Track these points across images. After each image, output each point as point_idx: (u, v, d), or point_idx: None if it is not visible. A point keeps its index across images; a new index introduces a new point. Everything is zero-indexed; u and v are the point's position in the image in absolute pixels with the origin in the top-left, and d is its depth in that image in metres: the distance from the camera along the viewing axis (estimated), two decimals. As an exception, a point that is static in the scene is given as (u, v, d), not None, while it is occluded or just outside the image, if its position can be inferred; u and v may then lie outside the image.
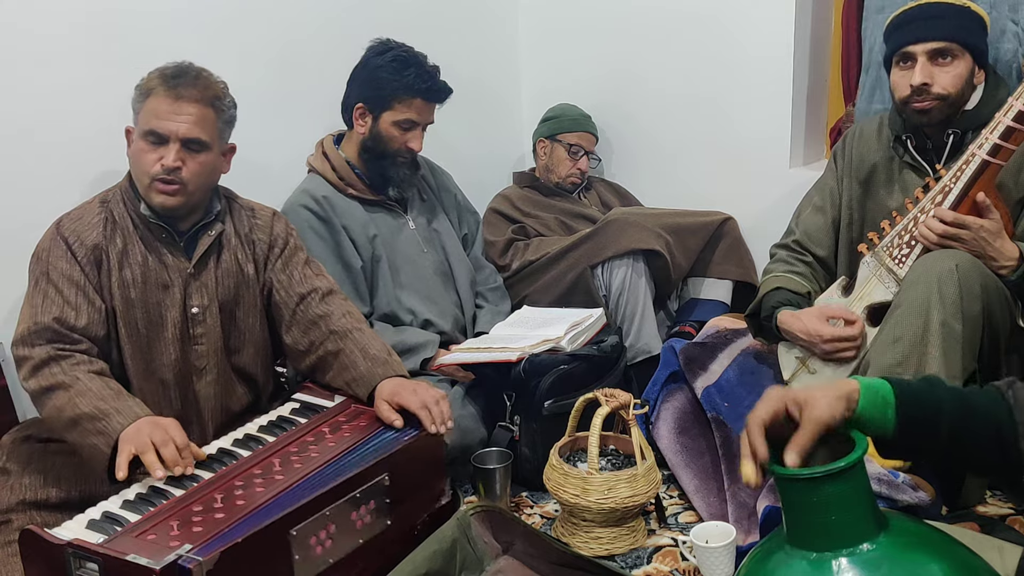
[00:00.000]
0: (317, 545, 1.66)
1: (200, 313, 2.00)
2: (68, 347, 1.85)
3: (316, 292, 2.10)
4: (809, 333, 2.16)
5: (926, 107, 2.13)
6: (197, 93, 1.91)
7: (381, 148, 2.52)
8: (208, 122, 1.93)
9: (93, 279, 1.91)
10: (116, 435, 1.72)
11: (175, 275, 1.98)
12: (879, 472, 1.83)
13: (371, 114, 2.51)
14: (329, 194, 2.51)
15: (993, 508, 2.07)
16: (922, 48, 2.11)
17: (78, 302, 1.88)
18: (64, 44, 2.22)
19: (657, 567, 1.99)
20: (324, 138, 2.62)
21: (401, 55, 2.49)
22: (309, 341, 2.07)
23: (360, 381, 1.99)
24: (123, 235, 1.95)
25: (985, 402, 1.22)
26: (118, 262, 1.93)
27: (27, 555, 1.56)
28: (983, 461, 1.21)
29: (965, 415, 1.20)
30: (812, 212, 2.41)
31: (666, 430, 2.31)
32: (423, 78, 2.47)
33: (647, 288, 2.77)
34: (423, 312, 2.57)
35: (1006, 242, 2.00)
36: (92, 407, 1.76)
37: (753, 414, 1.20)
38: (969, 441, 1.20)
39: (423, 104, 2.50)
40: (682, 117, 3.15)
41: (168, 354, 1.98)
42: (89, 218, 1.95)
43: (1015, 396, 1.21)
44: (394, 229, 2.59)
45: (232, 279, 2.04)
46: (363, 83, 2.52)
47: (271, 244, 2.11)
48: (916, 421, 1.20)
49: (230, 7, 2.54)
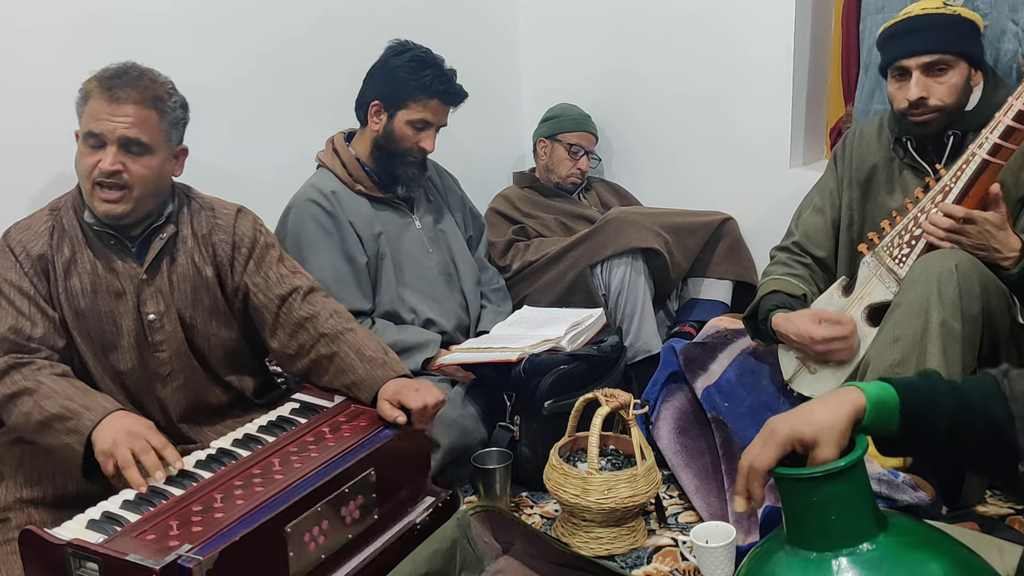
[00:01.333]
0: (310, 541, 1.67)
1: (157, 320, 1.94)
2: (26, 356, 1.83)
3: (297, 292, 2.04)
4: (801, 335, 2.16)
5: (925, 119, 2.13)
6: (136, 94, 1.83)
7: (393, 146, 2.52)
8: (149, 123, 1.85)
9: (42, 289, 1.88)
10: (88, 432, 1.71)
11: (127, 282, 1.92)
12: (879, 472, 1.84)
13: (386, 112, 2.51)
14: (337, 189, 2.51)
15: (993, 508, 2.07)
16: (915, 62, 2.10)
17: (31, 313, 1.86)
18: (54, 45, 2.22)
19: (657, 567, 1.99)
20: (335, 135, 2.62)
21: (420, 55, 2.51)
22: (298, 345, 2.02)
23: (361, 385, 1.96)
24: (71, 243, 1.90)
25: (981, 395, 1.22)
26: (64, 271, 1.89)
27: (27, 555, 1.56)
28: (981, 455, 1.21)
29: (963, 409, 1.20)
30: (812, 213, 2.41)
31: (666, 430, 2.31)
32: (441, 80, 2.49)
33: (646, 287, 2.77)
34: (425, 311, 2.57)
35: (1010, 234, 2.00)
36: (60, 407, 1.74)
37: (757, 459, 1.18)
38: (967, 435, 1.20)
39: (439, 106, 2.51)
40: (682, 117, 3.15)
41: (126, 362, 1.94)
42: (36, 227, 1.91)
43: (1011, 387, 1.21)
44: (400, 228, 2.59)
45: (188, 283, 1.98)
46: (380, 81, 2.52)
47: (235, 244, 2.03)
48: (917, 419, 1.20)
49: (227, 8, 2.54)
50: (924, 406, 1.20)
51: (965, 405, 1.20)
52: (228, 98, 2.55)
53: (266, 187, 2.58)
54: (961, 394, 1.21)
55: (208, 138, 2.19)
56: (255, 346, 2.13)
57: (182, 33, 2.44)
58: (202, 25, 2.49)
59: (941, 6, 2.11)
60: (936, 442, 1.21)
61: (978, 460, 1.23)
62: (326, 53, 2.76)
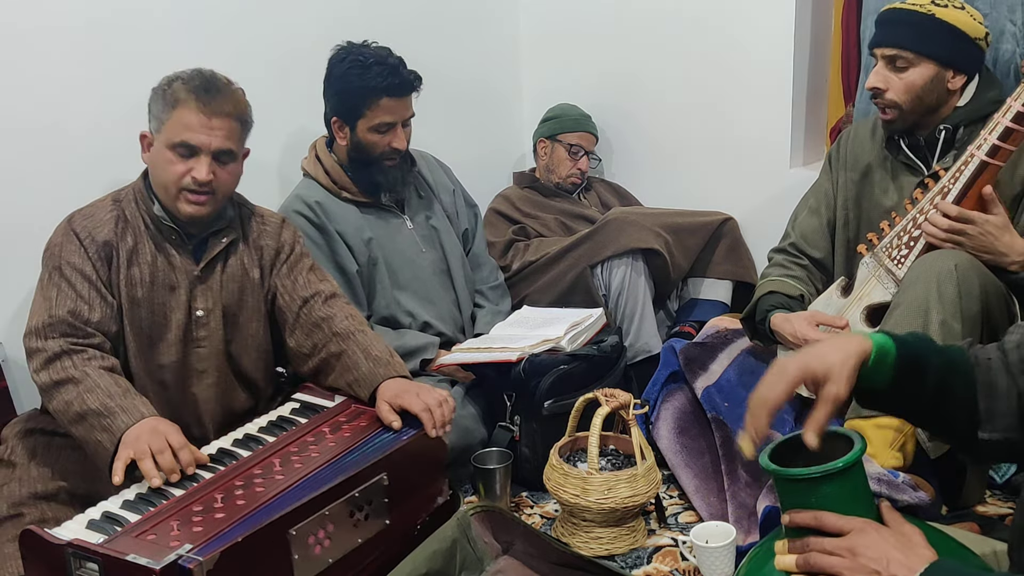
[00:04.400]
0: (316, 545, 1.66)
1: (204, 316, 2.00)
2: (81, 341, 1.86)
3: (319, 295, 2.10)
4: (797, 337, 2.16)
5: (888, 117, 2.17)
6: (229, 107, 1.92)
7: (366, 156, 2.48)
8: (237, 134, 1.95)
9: (104, 275, 1.93)
10: (120, 434, 1.73)
11: (181, 277, 1.98)
12: (879, 472, 1.84)
13: (347, 126, 2.47)
14: (322, 199, 2.48)
15: (993, 508, 2.08)
16: (880, 52, 2.15)
17: (91, 297, 1.90)
18: (63, 44, 2.22)
19: (657, 567, 1.99)
20: (317, 140, 2.59)
21: (359, 58, 2.42)
22: (312, 344, 2.07)
23: (362, 382, 1.99)
24: (134, 233, 1.96)
25: (959, 360, 1.26)
26: (127, 260, 1.95)
27: (27, 555, 1.56)
28: (957, 416, 1.24)
29: (948, 370, 1.24)
30: (808, 215, 2.42)
31: (666, 430, 2.31)
32: (384, 75, 2.40)
33: (647, 287, 2.77)
34: (422, 314, 2.57)
35: (1015, 237, 1.99)
36: (99, 403, 1.77)
37: (767, 392, 1.19)
38: (950, 395, 1.23)
39: (392, 102, 2.43)
40: (682, 117, 3.15)
41: (169, 355, 1.98)
42: (101, 215, 1.96)
43: (976, 356, 1.26)
44: (391, 230, 2.58)
45: (237, 283, 2.05)
46: (332, 96, 2.49)
47: (278, 250, 2.11)
48: (909, 373, 1.22)
49: (229, 8, 2.54)
50: (918, 361, 1.22)
51: (951, 366, 1.24)
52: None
53: (266, 187, 2.58)
54: (947, 357, 1.25)
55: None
56: (278, 353, 2.17)
57: (185, 34, 2.44)
58: (205, 27, 2.49)
59: (925, 3, 2.12)
60: (921, 399, 1.23)
61: (953, 422, 1.25)
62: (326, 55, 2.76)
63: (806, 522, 1.14)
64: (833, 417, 1.18)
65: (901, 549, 1.09)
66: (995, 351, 1.28)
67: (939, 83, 2.13)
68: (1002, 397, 1.23)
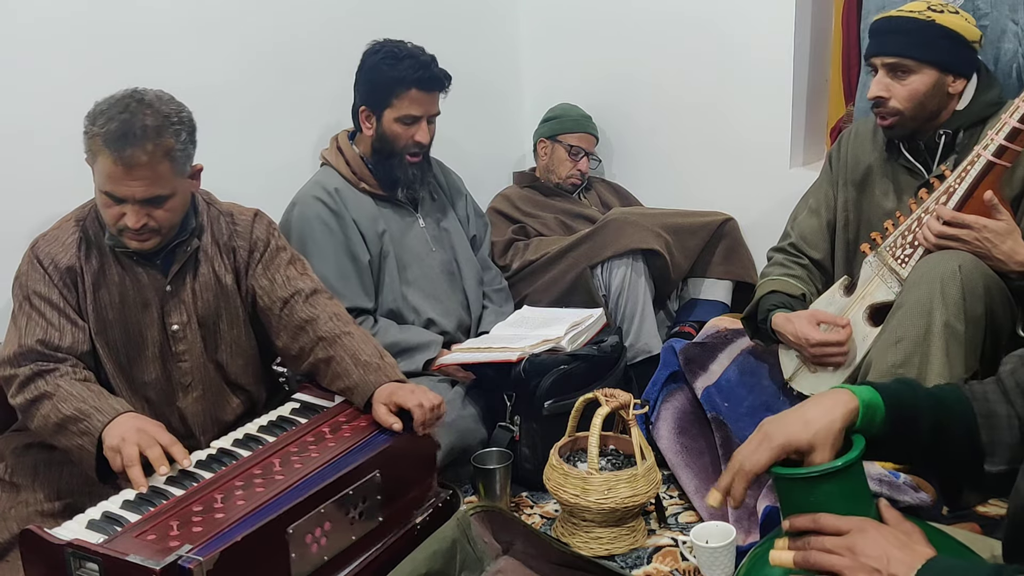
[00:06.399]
0: (313, 543, 1.66)
1: (180, 330, 1.96)
2: (51, 364, 1.86)
3: (299, 294, 2.05)
4: (798, 336, 2.16)
5: (888, 123, 2.17)
6: (146, 157, 1.77)
7: (389, 147, 2.52)
8: (164, 177, 1.82)
9: (72, 300, 1.90)
10: (98, 433, 1.74)
11: (151, 294, 1.95)
12: (879, 473, 1.83)
13: (374, 115, 2.51)
14: (341, 187, 2.52)
15: (993, 508, 2.07)
16: (880, 61, 2.14)
17: (60, 324, 1.88)
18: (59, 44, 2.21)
19: (657, 567, 1.99)
20: (339, 133, 2.63)
21: (393, 50, 2.48)
22: (299, 347, 2.03)
23: (355, 390, 1.96)
24: (99, 254, 1.92)
25: (953, 399, 1.25)
26: (93, 283, 1.91)
27: (27, 555, 1.56)
28: (958, 455, 1.24)
29: (941, 412, 1.23)
30: (807, 215, 2.42)
31: (666, 430, 2.31)
32: (415, 68, 2.46)
33: (647, 288, 2.77)
34: (427, 311, 2.57)
35: (1018, 244, 1.96)
36: (74, 409, 1.77)
37: (748, 461, 1.18)
38: (947, 436, 1.23)
39: (420, 95, 2.48)
40: (683, 117, 3.15)
41: (149, 373, 1.96)
42: (64, 238, 1.92)
43: (971, 390, 1.26)
44: (404, 226, 2.60)
45: (211, 292, 2.00)
46: (362, 85, 2.53)
47: (251, 249, 2.05)
48: (902, 422, 1.22)
49: (228, 7, 2.54)
50: (908, 409, 1.22)
51: (943, 407, 1.24)
52: (227, 98, 2.55)
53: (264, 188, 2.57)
54: (938, 399, 1.25)
55: (207, 138, 2.18)
56: (267, 354, 2.15)
57: (182, 33, 2.44)
58: (202, 25, 2.48)
59: (923, 9, 2.11)
60: (919, 444, 1.23)
61: (956, 461, 1.25)
62: (326, 54, 2.76)
63: (806, 526, 1.13)
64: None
65: (901, 547, 1.09)
66: (991, 383, 1.28)
67: (940, 88, 2.13)
68: (1003, 427, 1.23)
